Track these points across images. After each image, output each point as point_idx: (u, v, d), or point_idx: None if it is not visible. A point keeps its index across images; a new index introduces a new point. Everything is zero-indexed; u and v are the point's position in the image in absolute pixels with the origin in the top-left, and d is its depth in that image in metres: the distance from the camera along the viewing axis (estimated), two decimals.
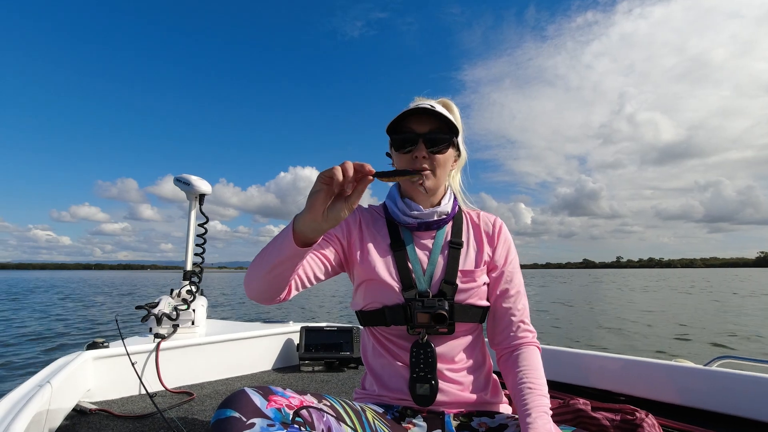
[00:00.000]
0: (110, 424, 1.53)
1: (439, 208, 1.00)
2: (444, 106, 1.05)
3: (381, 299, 0.95)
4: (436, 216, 1.00)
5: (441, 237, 1.01)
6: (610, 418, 1.14)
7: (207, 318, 2.41)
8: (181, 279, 2.32)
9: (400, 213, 1.01)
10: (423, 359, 0.91)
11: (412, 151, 0.95)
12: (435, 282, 0.95)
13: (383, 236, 1.02)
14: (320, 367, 2.36)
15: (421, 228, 1.01)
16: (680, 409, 1.50)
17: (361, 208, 1.08)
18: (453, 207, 1.04)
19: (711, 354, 4.54)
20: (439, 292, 0.94)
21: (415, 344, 0.92)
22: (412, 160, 0.95)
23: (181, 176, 2.34)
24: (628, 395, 1.63)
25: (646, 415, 1.12)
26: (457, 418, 0.92)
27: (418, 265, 0.97)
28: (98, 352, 1.80)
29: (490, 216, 1.09)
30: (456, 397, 0.93)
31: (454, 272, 0.96)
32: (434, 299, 0.92)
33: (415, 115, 0.95)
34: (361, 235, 1.01)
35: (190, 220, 2.32)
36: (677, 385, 1.53)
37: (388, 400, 0.95)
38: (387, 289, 0.94)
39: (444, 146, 0.96)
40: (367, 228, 1.03)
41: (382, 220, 1.05)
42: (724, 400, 1.43)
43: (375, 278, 0.95)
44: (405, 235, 1.01)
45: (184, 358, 2.06)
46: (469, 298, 0.95)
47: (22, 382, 1.35)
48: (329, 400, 0.81)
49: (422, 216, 0.99)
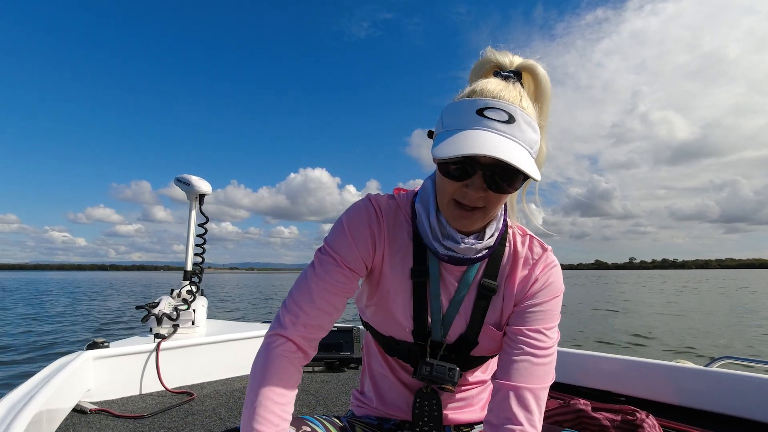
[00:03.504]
0: (110, 424, 1.53)
1: (480, 243, 0.75)
2: (530, 79, 0.74)
3: (389, 330, 0.83)
4: (474, 254, 0.76)
5: (472, 274, 0.79)
6: (610, 418, 1.13)
7: (207, 318, 2.41)
8: (182, 279, 2.33)
9: (431, 234, 0.76)
10: (428, 413, 0.80)
11: (465, 183, 0.67)
12: (453, 332, 0.79)
13: (406, 257, 0.79)
14: (320, 368, 2.36)
15: (451, 261, 0.77)
16: (681, 410, 1.50)
17: (384, 208, 0.81)
18: (499, 235, 0.79)
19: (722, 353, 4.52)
20: (456, 344, 0.79)
21: (419, 393, 0.81)
22: (462, 190, 0.68)
23: (182, 176, 2.34)
24: (628, 396, 1.62)
25: (646, 416, 1.12)
26: (459, 429, 0.89)
27: (438, 305, 0.78)
28: (98, 352, 1.80)
29: (538, 246, 0.82)
30: (464, 418, 0.88)
31: (478, 326, 0.78)
32: (444, 367, 0.77)
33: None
34: (383, 254, 0.80)
35: (190, 220, 2.32)
36: (678, 386, 1.52)
37: (385, 414, 0.89)
38: (397, 325, 0.81)
39: (509, 187, 0.68)
40: (390, 245, 0.80)
41: (408, 229, 0.81)
42: (724, 401, 1.43)
43: (387, 309, 0.81)
44: (431, 262, 0.79)
45: (185, 358, 2.06)
46: (487, 353, 0.82)
47: (22, 382, 1.35)
48: (311, 425, 0.75)
49: (456, 250, 0.75)
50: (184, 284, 2.28)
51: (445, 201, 0.71)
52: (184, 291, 2.23)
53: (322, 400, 1.87)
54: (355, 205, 0.81)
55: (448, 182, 0.69)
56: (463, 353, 0.80)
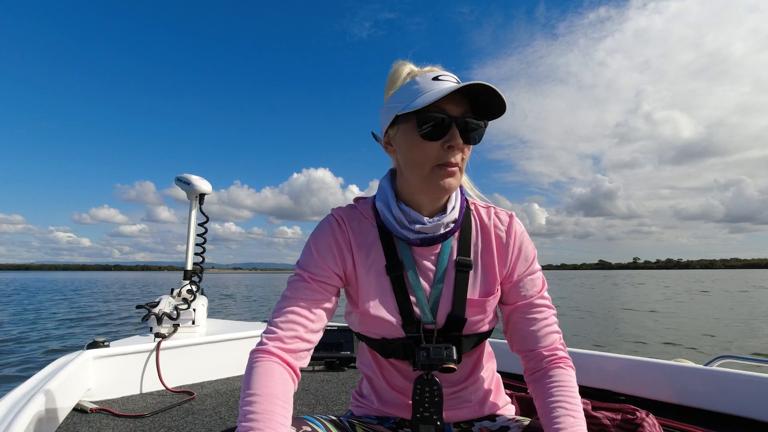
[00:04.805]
0: (110, 423, 1.53)
1: (445, 217, 0.80)
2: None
3: (379, 332, 0.83)
4: (443, 229, 0.80)
5: (446, 255, 0.82)
6: (610, 417, 1.14)
7: (207, 317, 2.41)
8: (182, 279, 2.33)
9: (397, 224, 0.80)
10: (428, 398, 0.79)
11: (445, 139, 0.73)
12: (441, 312, 0.81)
13: (377, 256, 0.82)
14: (321, 367, 2.36)
15: (424, 243, 0.81)
16: (681, 409, 1.50)
17: (346, 217, 0.85)
18: (461, 208, 0.84)
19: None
20: (446, 325, 0.81)
21: (419, 379, 0.81)
22: (444, 150, 0.73)
23: (182, 176, 2.34)
24: (628, 395, 1.62)
25: (646, 415, 1.12)
26: (458, 425, 0.88)
27: (421, 293, 0.80)
28: (99, 352, 1.81)
29: (504, 215, 0.88)
30: (462, 416, 0.88)
31: (462, 303, 0.81)
32: (441, 347, 0.78)
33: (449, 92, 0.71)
34: (353, 260, 0.83)
35: (190, 219, 2.32)
36: (678, 385, 1.52)
37: (384, 414, 0.90)
38: (385, 324, 0.81)
39: (479, 136, 0.76)
40: (359, 249, 0.83)
41: (373, 230, 0.84)
42: (724, 400, 1.43)
43: (371, 313, 0.81)
44: (403, 253, 0.82)
45: (185, 357, 2.06)
46: (479, 329, 0.83)
47: (22, 382, 1.35)
48: (311, 425, 0.75)
49: (425, 230, 0.79)
50: (185, 284, 2.28)
51: (428, 169, 0.75)
52: (184, 290, 2.23)
53: (322, 399, 1.87)
54: (319, 223, 0.86)
55: (427, 148, 0.74)
56: (455, 334, 0.81)
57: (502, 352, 1.14)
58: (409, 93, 0.74)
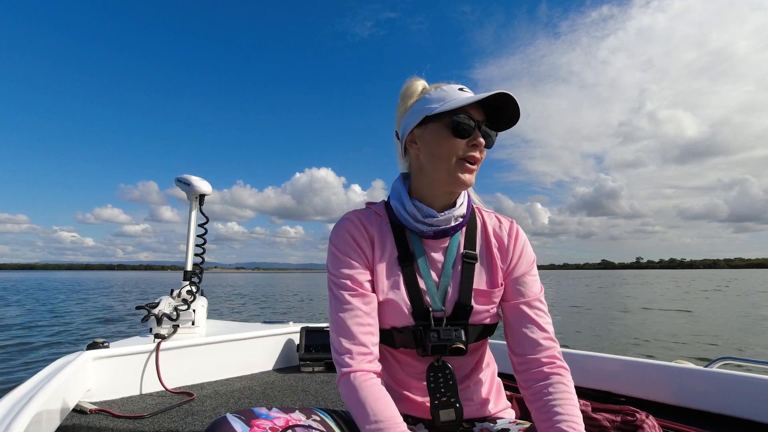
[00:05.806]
0: (110, 424, 1.53)
1: (455, 211, 0.89)
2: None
3: (389, 321, 0.87)
4: (453, 221, 0.89)
5: (454, 247, 0.90)
6: (610, 419, 1.13)
7: (207, 318, 2.41)
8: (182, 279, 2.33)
9: (411, 218, 0.89)
10: (443, 383, 0.83)
11: (471, 138, 0.84)
12: (449, 301, 0.87)
13: (390, 248, 0.90)
14: (321, 368, 2.36)
15: (437, 235, 0.89)
16: (681, 411, 1.50)
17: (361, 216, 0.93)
18: (468, 206, 0.93)
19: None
20: (454, 313, 0.86)
21: (431, 367, 0.85)
22: (469, 147, 0.84)
23: (182, 177, 2.34)
24: (628, 396, 1.62)
25: (646, 416, 1.12)
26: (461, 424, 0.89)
27: (431, 282, 0.87)
28: (98, 352, 1.81)
29: (505, 220, 0.97)
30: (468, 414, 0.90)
31: (469, 293, 0.87)
32: (450, 329, 0.84)
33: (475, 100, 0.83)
34: (372, 253, 0.90)
35: (190, 220, 2.33)
36: (678, 387, 1.52)
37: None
38: (396, 310, 0.86)
39: (492, 142, 0.88)
40: (375, 243, 0.90)
41: (387, 226, 0.92)
42: (724, 402, 1.43)
43: (384, 300, 0.86)
44: (414, 245, 0.90)
45: (185, 358, 2.06)
46: (484, 320, 0.88)
47: (22, 382, 1.35)
48: (319, 415, 0.77)
49: (437, 223, 0.88)
50: (184, 284, 2.28)
51: (452, 162, 0.84)
52: (184, 291, 2.23)
53: (322, 400, 1.87)
54: (335, 227, 0.92)
55: (455, 143, 0.84)
56: (462, 321, 0.87)
57: (502, 354, 1.14)
58: (439, 98, 0.85)
